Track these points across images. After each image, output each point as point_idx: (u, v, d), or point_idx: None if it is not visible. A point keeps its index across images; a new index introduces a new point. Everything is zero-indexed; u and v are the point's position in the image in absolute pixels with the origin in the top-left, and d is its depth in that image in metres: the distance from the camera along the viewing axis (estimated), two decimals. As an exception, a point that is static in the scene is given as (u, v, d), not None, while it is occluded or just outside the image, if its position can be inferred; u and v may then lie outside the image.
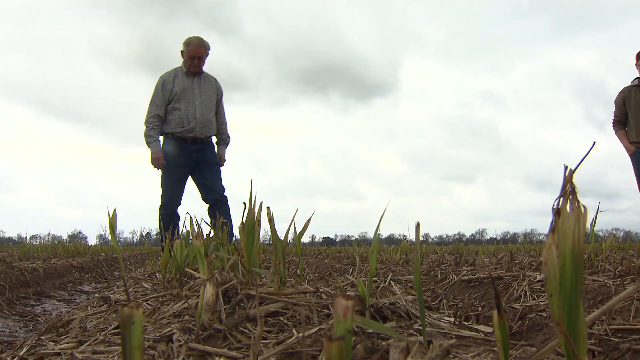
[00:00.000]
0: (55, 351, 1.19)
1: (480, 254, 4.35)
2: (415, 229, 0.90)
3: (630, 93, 4.88)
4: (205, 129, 4.44)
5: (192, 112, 4.38)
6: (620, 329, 1.40)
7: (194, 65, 4.42)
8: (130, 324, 0.48)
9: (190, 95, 4.41)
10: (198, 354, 1.08)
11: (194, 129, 4.37)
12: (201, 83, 4.50)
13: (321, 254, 8.04)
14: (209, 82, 4.57)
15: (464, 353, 1.07)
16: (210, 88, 4.57)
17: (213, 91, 4.58)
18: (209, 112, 4.49)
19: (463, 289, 2.84)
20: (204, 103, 4.45)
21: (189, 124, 4.36)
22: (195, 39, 4.44)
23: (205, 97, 4.48)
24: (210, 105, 4.51)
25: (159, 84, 4.42)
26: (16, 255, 6.45)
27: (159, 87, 4.42)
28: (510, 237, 69.90)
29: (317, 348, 1.03)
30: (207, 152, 4.51)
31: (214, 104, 4.58)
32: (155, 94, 4.43)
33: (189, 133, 4.37)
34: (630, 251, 4.38)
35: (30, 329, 2.55)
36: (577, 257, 0.57)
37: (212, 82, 4.62)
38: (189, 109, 4.38)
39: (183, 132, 4.37)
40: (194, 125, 4.36)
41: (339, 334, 0.44)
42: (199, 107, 4.41)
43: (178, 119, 4.36)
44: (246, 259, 1.79)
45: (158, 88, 4.42)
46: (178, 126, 4.36)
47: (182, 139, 4.40)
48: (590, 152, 0.66)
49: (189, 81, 4.44)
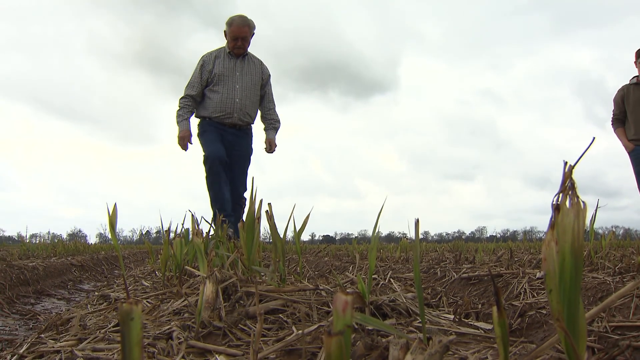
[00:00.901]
0: (55, 349, 1.19)
1: (479, 252, 4.35)
2: (415, 226, 0.90)
3: (629, 91, 4.87)
4: (244, 116, 4.14)
5: (231, 97, 4.08)
6: (619, 326, 1.40)
7: (237, 46, 4.10)
8: (130, 320, 0.48)
9: (231, 79, 4.10)
10: (198, 351, 1.08)
11: (232, 114, 4.08)
12: (244, 66, 4.18)
13: (321, 251, 8.04)
14: (252, 65, 4.24)
15: (463, 350, 1.07)
16: (254, 71, 4.23)
17: (257, 75, 4.23)
18: (251, 98, 4.17)
19: (463, 287, 2.84)
20: (245, 87, 4.13)
21: (227, 109, 4.07)
22: (239, 17, 4.10)
23: (247, 81, 4.15)
24: (253, 90, 4.19)
25: (199, 65, 4.13)
26: (16, 253, 6.45)
27: (197, 67, 4.13)
28: (510, 234, 69.95)
29: (316, 345, 1.03)
30: (243, 143, 4.22)
31: (258, 88, 4.24)
32: (193, 74, 4.14)
33: (227, 119, 4.09)
34: (629, 248, 4.38)
35: (30, 327, 2.55)
36: (577, 252, 0.57)
37: (257, 64, 4.28)
38: (228, 93, 4.08)
39: (220, 118, 4.09)
40: (232, 110, 4.07)
41: (338, 329, 0.44)
42: (239, 92, 4.10)
43: (216, 104, 4.07)
44: (246, 256, 1.79)
45: (197, 68, 4.13)
46: (216, 111, 4.07)
47: (220, 124, 4.12)
48: (589, 148, 0.66)
49: (230, 63, 4.13)
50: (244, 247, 1.81)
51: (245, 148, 4.25)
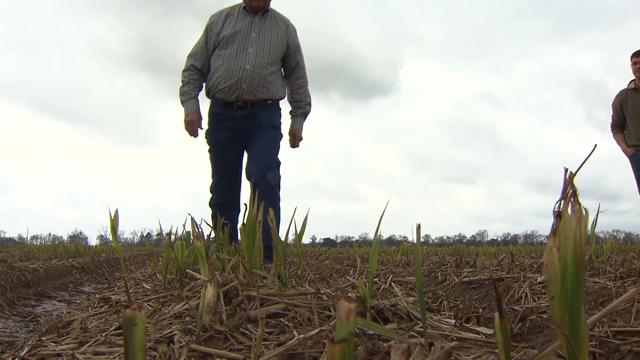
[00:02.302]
0: (56, 352, 1.19)
1: (480, 256, 4.35)
2: (417, 230, 0.90)
3: (627, 96, 4.87)
4: (258, 89, 3.12)
5: (240, 62, 3.09)
6: (621, 331, 1.40)
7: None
8: (133, 325, 0.48)
9: (243, 39, 3.13)
10: (199, 355, 1.08)
11: (239, 85, 3.09)
12: (264, 25, 3.19)
13: (322, 255, 8.04)
14: (275, 26, 3.23)
15: (465, 355, 1.07)
16: (276, 32, 3.22)
17: (280, 37, 3.21)
18: (267, 66, 3.13)
19: (464, 291, 2.84)
20: (261, 51, 3.13)
21: (234, 78, 3.09)
22: None
23: (265, 43, 3.15)
24: (272, 55, 3.16)
25: (205, 27, 3.28)
26: (17, 255, 6.46)
27: (203, 30, 3.28)
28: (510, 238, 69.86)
29: (318, 349, 1.03)
30: (261, 115, 3.18)
31: (279, 55, 3.21)
32: (198, 39, 3.29)
33: (232, 92, 3.11)
34: (631, 253, 4.37)
35: (31, 330, 2.55)
36: (579, 259, 0.57)
37: (281, 25, 3.25)
38: (236, 58, 3.10)
39: (224, 91, 3.13)
40: (239, 80, 3.08)
41: (341, 337, 0.44)
42: (251, 56, 3.10)
43: (220, 72, 3.13)
44: (247, 260, 1.79)
45: (203, 32, 3.28)
46: (220, 82, 3.13)
47: (227, 103, 3.18)
48: (591, 156, 0.66)
49: (246, 21, 3.17)
50: (245, 250, 1.81)
51: (267, 118, 3.19)
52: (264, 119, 3.17)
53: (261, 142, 3.12)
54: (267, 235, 2.22)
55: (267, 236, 2.30)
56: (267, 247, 2.55)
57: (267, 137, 3.14)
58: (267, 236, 2.30)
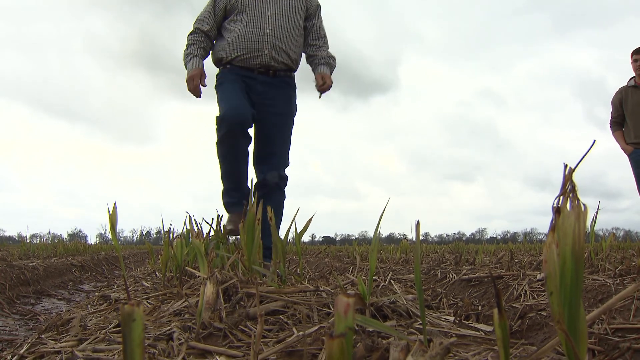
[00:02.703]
0: (55, 349, 1.19)
1: (480, 253, 4.35)
2: (416, 228, 0.90)
3: (627, 93, 4.87)
4: (279, 54, 2.92)
5: (260, 27, 2.89)
6: (620, 328, 1.40)
7: None
8: (131, 321, 0.48)
9: (259, 3, 2.93)
10: (198, 352, 1.08)
11: (261, 51, 2.87)
12: None
13: (321, 253, 8.04)
14: None
15: (464, 352, 1.07)
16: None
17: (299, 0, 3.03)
18: (288, 30, 2.95)
19: (463, 288, 2.85)
20: (280, 14, 2.94)
21: (254, 43, 2.88)
22: None
23: (284, 6, 2.96)
24: (292, 19, 2.97)
25: None
26: (16, 253, 6.46)
27: None
28: (510, 236, 69.98)
29: (317, 347, 1.03)
30: (280, 96, 2.96)
31: (300, 19, 3.02)
32: (205, 6, 3.05)
33: (255, 59, 2.88)
34: (630, 250, 4.38)
35: (31, 328, 2.55)
36: (578, 255, 0.57)
37: None
38: (255, 22, 2.90)
39: (245, 59, 2.89)
40: (262, 45, 2.87)
41: (339, 331, 0.44)
42: (271, 20, 2.91)
43: (237, 38, 2.89)
44: (246, 257, 1.79)
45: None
46: (237, 48, 2.89)
47: (245, 69, 2.92)
48: (590, 151, 0.66)
49: None
50: (244, 248, 1.81)
51: (284, 104, 2.99)
52: (283, 104, 2.97)
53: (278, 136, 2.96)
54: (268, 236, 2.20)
55: (268, 237, 2.27)
56: (267, 247, 2.51)
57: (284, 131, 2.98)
58: (268, 237, 2.27)
